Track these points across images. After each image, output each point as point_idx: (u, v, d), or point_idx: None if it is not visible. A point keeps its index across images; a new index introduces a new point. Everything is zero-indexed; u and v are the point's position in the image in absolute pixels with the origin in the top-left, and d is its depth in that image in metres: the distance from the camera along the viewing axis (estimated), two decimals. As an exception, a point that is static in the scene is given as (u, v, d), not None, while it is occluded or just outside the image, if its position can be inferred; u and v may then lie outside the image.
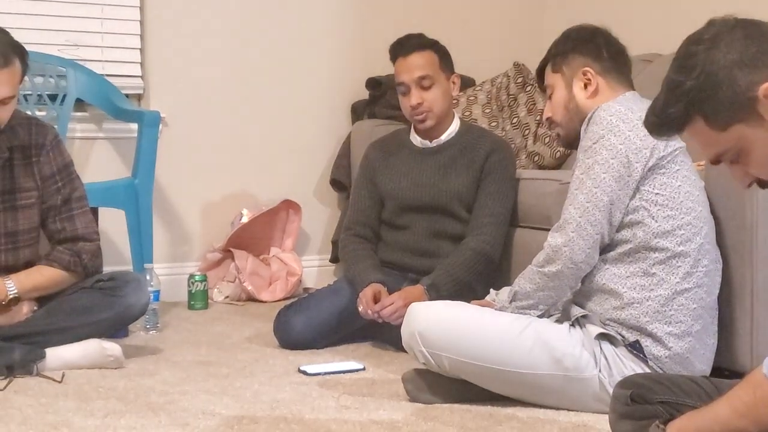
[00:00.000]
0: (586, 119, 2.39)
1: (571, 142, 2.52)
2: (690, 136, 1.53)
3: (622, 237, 2.32)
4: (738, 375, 1.48)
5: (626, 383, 1.85)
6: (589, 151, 2.33)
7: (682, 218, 2.29)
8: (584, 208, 2.30)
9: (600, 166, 2.30)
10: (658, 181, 2.30)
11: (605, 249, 2.34)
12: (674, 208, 2.29)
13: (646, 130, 2.20)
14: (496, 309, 2.46)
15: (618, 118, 2.31)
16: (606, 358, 2.28)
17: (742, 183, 1.55)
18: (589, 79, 2.45)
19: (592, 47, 2.48)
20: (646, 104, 2.38)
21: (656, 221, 2.28)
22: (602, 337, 2.30)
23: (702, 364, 2.34)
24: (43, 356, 2.64)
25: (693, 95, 1.48)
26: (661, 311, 2.27)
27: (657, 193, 2.30)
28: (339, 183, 4.09)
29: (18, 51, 2.63)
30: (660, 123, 1.54)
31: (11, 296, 2.69)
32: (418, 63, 3.10)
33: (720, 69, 1.46)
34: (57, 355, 2.67)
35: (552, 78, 2.52)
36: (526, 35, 4.44)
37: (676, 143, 2.32)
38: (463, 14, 4.45)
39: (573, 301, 2.41)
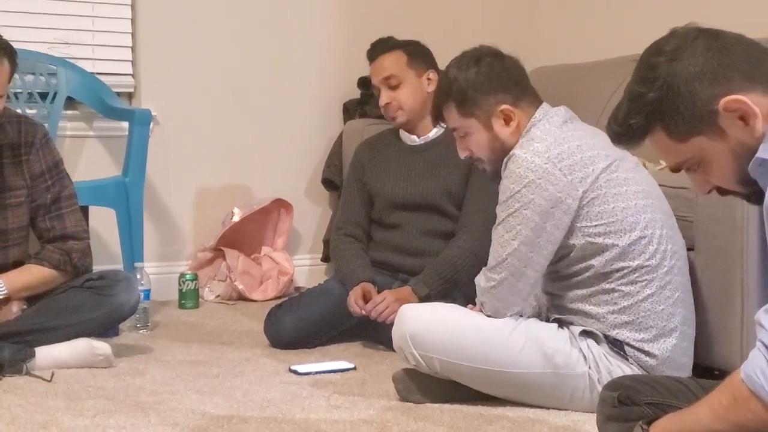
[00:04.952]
0: (502, 166, 2.34)
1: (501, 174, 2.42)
2: (651, 145, 1.53)
3: (579, 268, 2.31)
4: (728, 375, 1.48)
5: (613, 385, 1.85)
6: (503, 206, 2.32)
7: (629, 236, 2.27)
8: (507, 262, 2.30)
9: (514, 218, 2.28)
10: (592, 213, 2.27)
11: (565, 277, 2.35)
12: (618, 231, 2.27)
13: (558, 171, 2.22)
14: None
15: (526, 168, 2.26)
16: (593, 355, 2.29)
17: (701, 190, 1.55)
18: (509, 116, 2.38)
19: (497, 81, 2.39)
20: (554, 117, 2.37)
21: (606, 250, 2.27)
22: (585, 334, 2.31)
23: (685, 356, 2.34)
24: (32, 355, 2.64)
25: (654, 107, 1.48)
26: (630, 321, 2.28)
27: (596, 225, 2.27)
28: (330, 182, 4.08)
29: (6, 50, 2.61)
30: (621, 133, 1.54)
31: (1, 296, 2.68)
32: (384, 65, 3.19)
33: (681, 82, 1.45)
34: (46, 354, 2.67)
35: (462, 122, 2.42)
36: (518, 35, 4.44)
37: (601, 165, 2.28)
38: (454, 14, 4.44)
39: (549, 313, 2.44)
